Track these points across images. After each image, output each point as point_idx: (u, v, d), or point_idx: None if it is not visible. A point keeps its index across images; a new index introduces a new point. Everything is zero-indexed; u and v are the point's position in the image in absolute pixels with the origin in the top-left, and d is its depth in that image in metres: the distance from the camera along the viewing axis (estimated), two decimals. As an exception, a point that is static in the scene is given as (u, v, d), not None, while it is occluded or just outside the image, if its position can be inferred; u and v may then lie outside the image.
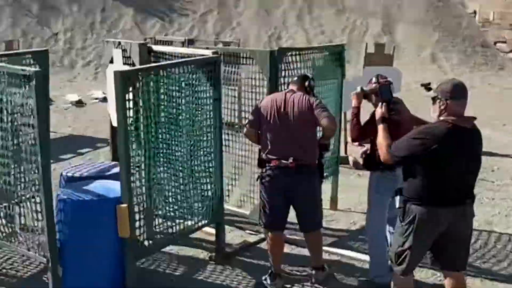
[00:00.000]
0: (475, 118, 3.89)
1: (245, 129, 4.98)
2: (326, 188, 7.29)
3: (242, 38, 19.70)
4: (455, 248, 3.94)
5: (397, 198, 3.98)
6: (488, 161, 8.94)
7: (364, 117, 4.88)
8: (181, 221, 4.97)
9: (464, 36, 20.39)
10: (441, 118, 3.81)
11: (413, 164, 3.83)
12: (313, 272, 5.04)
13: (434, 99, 3.87)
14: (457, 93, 3.79)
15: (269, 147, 4.77)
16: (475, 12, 21.24)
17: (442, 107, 3.81)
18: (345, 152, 9.07)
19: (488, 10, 20.34)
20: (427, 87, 4.06)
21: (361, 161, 4.91)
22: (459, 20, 21.08)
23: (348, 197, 7.33)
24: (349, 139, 9.67)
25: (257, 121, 4.84)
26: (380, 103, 4.27)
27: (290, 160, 4.68)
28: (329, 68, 6.52)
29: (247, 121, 4.98)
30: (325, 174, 6.51)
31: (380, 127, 4.11)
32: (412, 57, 19.26)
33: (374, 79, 4.92)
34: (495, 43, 20.10)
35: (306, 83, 4.95)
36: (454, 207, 3.81)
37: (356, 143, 6.39)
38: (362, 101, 4.96)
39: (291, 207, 4.93)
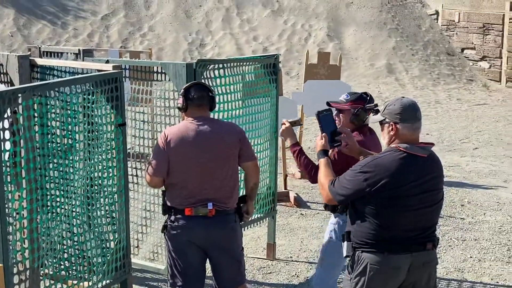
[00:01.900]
0: (433, 144, 4.01)
1: (148, 178, 4.78)
2: (261, 232, 7.36)
3: (156, 46, 19.73)
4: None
5: (345, 244, 4.03)
6: (457, 193, 9.24)
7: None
8: (76, 282, 4.86)
9: (426, 42, 21.14)
10: (392, 145, 3.91)
11: (360, 203, 3.90)
12: None
13: (381, 123, 3.97)
14: (407, 114, 3.89)
15: (182, 192, 4.72)
16: (437, 13, 22.11)
17: (392, 133, 3.91)
18: (285, 187, 9.16)
19: (453, 10, 21.19)
20: (373, 109, 4.16)
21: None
22: (418, 23, 21.86)
23: (289, 243, 7.38)
24: (289, 170, 9.80)
25: (165, 165, 4.69)
26: (320, 134, 4.32)
27: (210, 206, 4.68)
28: (262, 84, 6.60)
29: (149, 167, 4.76)
30: (259, 215, 6.57)
31: (321, 162, 4.17)
32: (364, 68, 19.78)
33: (345, 98, 4.97)
34: (462, 50, 20.93)
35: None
36: (412, 253, 3.88)
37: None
38: (295, 135, 4.97)
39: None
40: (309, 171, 4.86)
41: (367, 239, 3.89)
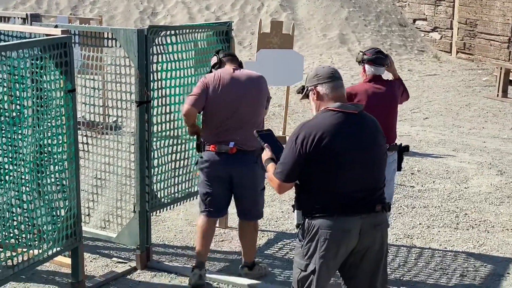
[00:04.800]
0: (362, 106, 4.10)
1: (185, 108, 5.37)
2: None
3: (107, 14, 19.43)
4: (370, 269, 4.01)
5: (295, 213, 4.02)
6: (408, 162, 9.38)
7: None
8: (26, 249, 4.81)
9: (378, 12, 21.25)
10: (321, 109, 3.96)
11: (303, 172, 3.91)
12: (243, 270, 5.75)
13: (307, 95, 4.07)
14: (323, 74, 4.00)
15: (211, 130, 5.35)
16: (390, -16, 22.21)
17: (315, 97, 3.98)
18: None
19: (405, -18, 21.31)
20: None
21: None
22: (371, -7, 21.93)
23: (241, 211, 7.39)
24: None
25: (203, 100, 5.31)
26: (264, 148, 4.26)
27: (231, 145, 5.28)
28: (214, 51, 6.55)
29: (188, 98, 5.37)
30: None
31: (269, 167, 4.14)
32: (317, 38, 19.81)
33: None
34: (414, 20, 21.11)
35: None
36: (362, 215, 3.90)
37: None
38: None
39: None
40: None
41: (316, 205, 3.90)
